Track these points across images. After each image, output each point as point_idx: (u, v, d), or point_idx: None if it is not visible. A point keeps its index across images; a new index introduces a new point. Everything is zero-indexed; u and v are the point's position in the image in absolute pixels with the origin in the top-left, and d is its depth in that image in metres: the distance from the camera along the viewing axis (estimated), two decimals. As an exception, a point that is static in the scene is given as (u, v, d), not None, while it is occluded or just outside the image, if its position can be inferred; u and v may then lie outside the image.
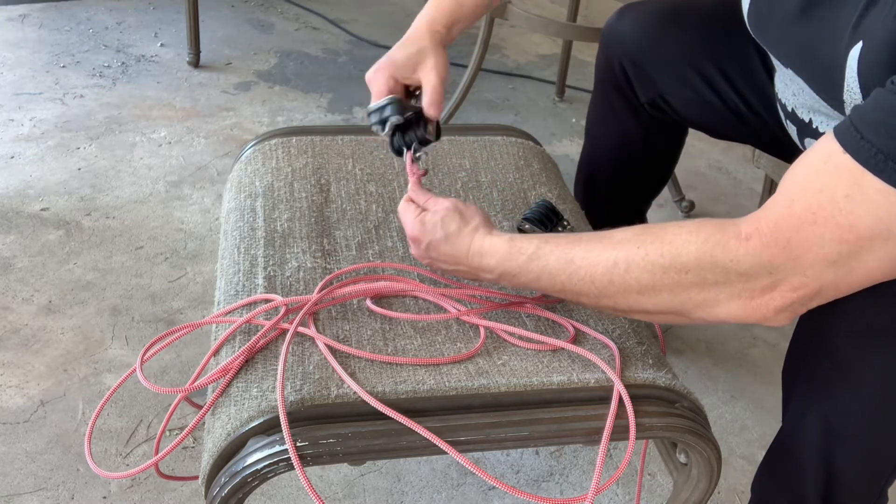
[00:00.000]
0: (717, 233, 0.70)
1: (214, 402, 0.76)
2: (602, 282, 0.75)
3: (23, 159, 1.82)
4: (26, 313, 1.43)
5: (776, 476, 0.92)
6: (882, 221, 0.63)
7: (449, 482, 1.23)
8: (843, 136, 0.65)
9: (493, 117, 2.22)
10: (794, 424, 0.87)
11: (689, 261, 0.71)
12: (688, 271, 0.71)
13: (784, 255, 0.67)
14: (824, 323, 0.80)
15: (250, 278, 0.88)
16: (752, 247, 0.68)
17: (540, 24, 1.87)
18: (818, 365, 0.82)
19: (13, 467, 1.17)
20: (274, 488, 1.18)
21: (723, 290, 0.71)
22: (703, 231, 0.71)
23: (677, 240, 0.72)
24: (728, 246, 0.69)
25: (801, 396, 0.86)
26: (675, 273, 0.71)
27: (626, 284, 0.74)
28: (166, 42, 2.40)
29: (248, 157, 1.09)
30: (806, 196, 0.66)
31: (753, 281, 0.69)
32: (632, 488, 1.24)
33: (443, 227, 0.83)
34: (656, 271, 0.72)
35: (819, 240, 0.66)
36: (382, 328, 0.83)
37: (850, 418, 0.81)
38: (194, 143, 1.96)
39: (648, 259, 0.72)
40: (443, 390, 0.76)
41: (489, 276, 0.82)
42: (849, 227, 0.64)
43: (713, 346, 1.55)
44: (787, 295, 0.69)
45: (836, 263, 0.66)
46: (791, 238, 0.67)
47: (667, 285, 0.72)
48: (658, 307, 0.75)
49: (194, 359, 1.36)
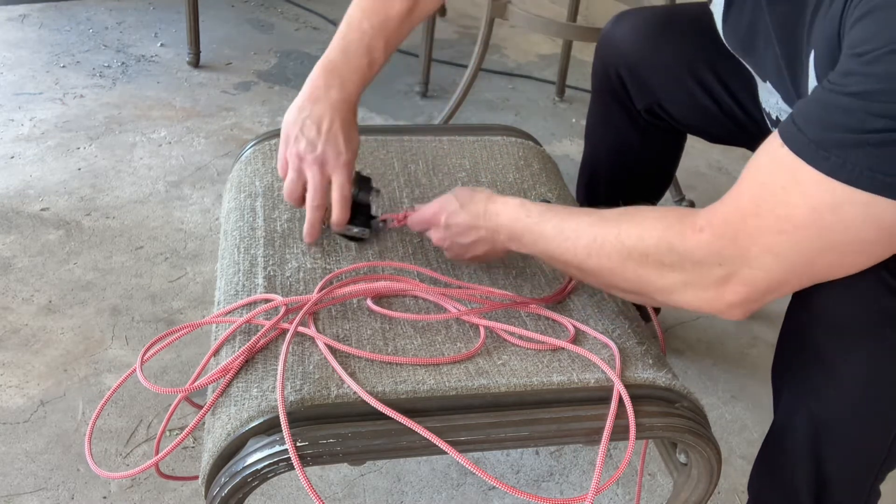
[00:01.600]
0: (677, 222, 0.74)
1: (214, 402, 0.76)
2: (582, 256, 0.79)
3: (23, 159, 1.82)
4: (26, 313, 1.43)
5: (769, 474, 0.93)
6: (816, 210, 0.65)
7: (449, 482, 1.23)
8: (784, 131, 0.67)
9: (493, 117, 2.22)
10: (783, 422, 0.88)
11: (650, 245, 0.74)
12: (647, 255, 0.75)
13: (732, 247, 0.70)
14: (805, 320, 0.80)
15: (250, 278, 0.88)
16: (704, 238, 0.71)
17: (540, 24, 1.87)
18: (802, 362, 0.83)
19: (13, 467, 1.17)
20: (274, 488, 1.18)
21: (678, 278, 0.74)
22: (666, 218, 0.75)
23: (645, 223, 0.76)
24: (685, 235, 0.72)
25: (788, 394, 0.87)
26: (638, 256, 0.75)
27: (600, 263, 0.78)
28: (166, 42, 2.40)
29: (248, 157, 1.09)
30: (752, 189, 0.70)
31: (705, 271, 0.72)
32: (632, 488, 1.24)
33: (457, 198, 0.88)
34: (622, 252, 0.76)
35: (762, 232, 0.68)
36: (382, 328, 0.83)
37: (835, 413, 0.82)
38: (194, 143, 1.96)
39: (619, 239, 0.76)
40: (443, 390, 0.76)
41: (502, 237, 0.86)
42: (786, 218, 0.67)
43: (713, 346, 1.55)
44: (738, 289, 0.71)
45: (781, 256, 0.69)
46: (738, 230, 0.70)
47: (630, 267, 0.76)
48: (626, 286, 0.79)
49: (194, 359, 1.36)
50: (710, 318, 1.61)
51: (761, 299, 0.73)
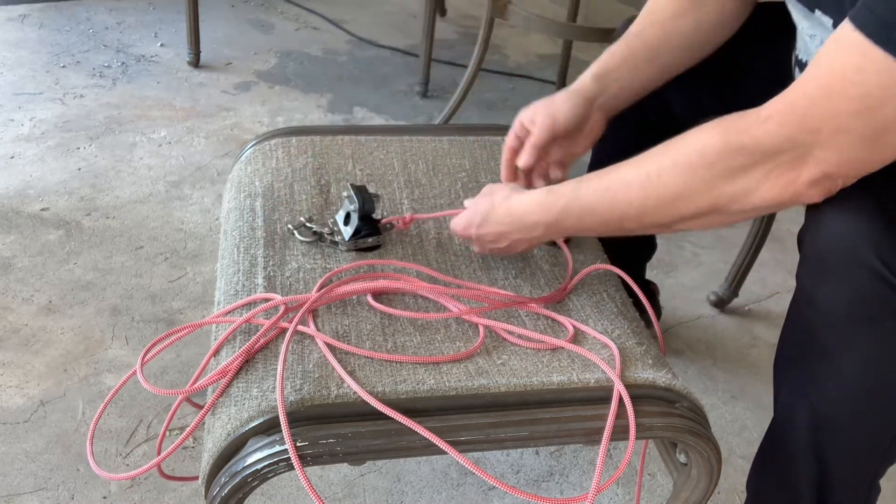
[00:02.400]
0: (737, 121, 0.74)
1: (214, 403, 0.76)
2: (639, 198, 0.78)
3: (23, 159, 1.82)
4: (26, 313, 1.43)
5: (769, 471, 0.92)
6: (888, 90, 0.66)
7: (449, 482, 1.23)
8: (855, 16, 0.67)
9: (493, 117, 2.22)
10: (783, 417, 0.88)
11: (714, 152, 0.74)
12: (714, 164, 0.74)
13: (801, 130, 0.70)
14: (806, 313, 0.80)
15: (250, 278, 0.88)
16: (771, 127, 0.71)
17: (540, 24, 1.87)
18: (803, 355, 0.83)
19: (13, 467, 1.17)
20: (274, 488, 1.18)
21: (752, 175, 0.73)
22: (722, 123, 0.74)
23: (700, 136, 0.75)
24: (749, 129, 0.72)
25: (789, 388, 0.87)
26: (703, 169, 0.74)
27: (660, 195, 0.77)
28: (166, 42, 2.40)
29: (248, 157, 1.09)
30: (819, 74, 0.70)
31: (779, 157, 0.72)
32: (632, 488, 1.24)
33: (478, 210, 0.89)
34: (685, 172, 0.75)
35: (831, 113, 0.68)
36: (382, 323, 0.83)
37: (836, 407, 0.82)
38: (194, 143, 1.96)
39: (676, 162, 0.76)
40: (443, 390, 0.76)
41: (538, 233, 0.86)
42: (859, 98, 0.67)
43: (713, 346, 1.55)
44: (813, 170, 0.71)
45: (852, 135, 0.69)
46: (805, 114, 0.70)
47: (697, 184, 0.75)
48: (697, 210, 0.77)
49: (194, 358, 1.36)
50: (710, 318, 1.61)
51: (839, 181, 0.73)
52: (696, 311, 1.64)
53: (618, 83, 0.99)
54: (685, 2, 1.01)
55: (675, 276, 1.72)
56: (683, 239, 1.82)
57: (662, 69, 1.02)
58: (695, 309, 1.64)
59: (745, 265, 1.61)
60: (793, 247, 0.82)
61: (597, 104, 0.98)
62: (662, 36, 1.01)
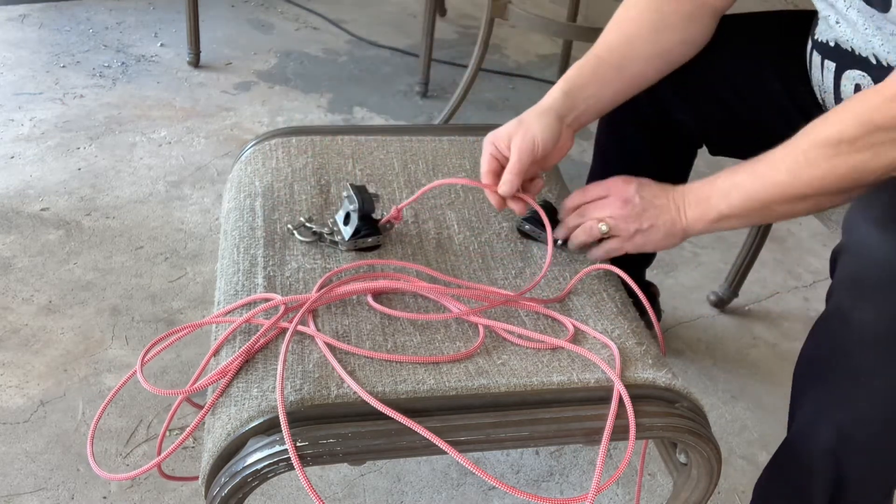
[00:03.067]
0: (871, 96, 0.77)
1: (214, 403, 0.76)
2: (786, 182, 0.83)
3: (23, 159, 1.82)
4: (26, 313, 1.43)
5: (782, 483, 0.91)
6: None
7: (449, 482, 1.23)
8: None
9: (493, 117, 2.22)
10: (803, 432, 0.86)
11: (854, 130, 0.78)
12: (856, 140, 0.78)
13: None
14: (839, 330, 0.79)
15: (250, 278, 0.88)
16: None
17: (540, 24, 1.87)
18: (831, 373, 0.82)
19: (13, 467, 1.17)
20: (274, 488, 1.18)
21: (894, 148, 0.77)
22: (851, 104, 0.79)
23: (834, 117, 0.80)
24: (881, 108, 0.76)
25: (813, 404, 0.85)
26: (847, 147, 0.78)
27: (810, 176, 0.81)
28: (166, 42, 2.40)
29: (248, 157, 1.09)
30: None
31: None
32: (632, 488, 1.24)
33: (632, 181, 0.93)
34: (829, 152, 0.79)
35: None
36: (382, 323, 0.83)
37: (864, 427, 0.81)
38: (194, 143, 1.96)
39: (817, 143, 0.80)
40: (443, 390, 0.76)
41: (689, 213, 0.92)
42: None
43: (713, 346, 1.55)
44: None
45: None
46: None
47: (842, 162, 0.79)
48: (842, 184, 0.81)
49: (194, 358, 1.36)
50: (710, 318, 1.62)
51: None
52: (696, 311, 1.64)
53: (586, 101, 1.00)
54: (653, 19, 1.01)
55: (675, 276, 1.72)
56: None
57: (632, 83, 1.03)
58: (695, 309, 1.64)
59: (745, 265, 1.61)
60: (793, 246, 0.82)
61: (567, 121, 0.99)
62: (629, 52, 1.02)
